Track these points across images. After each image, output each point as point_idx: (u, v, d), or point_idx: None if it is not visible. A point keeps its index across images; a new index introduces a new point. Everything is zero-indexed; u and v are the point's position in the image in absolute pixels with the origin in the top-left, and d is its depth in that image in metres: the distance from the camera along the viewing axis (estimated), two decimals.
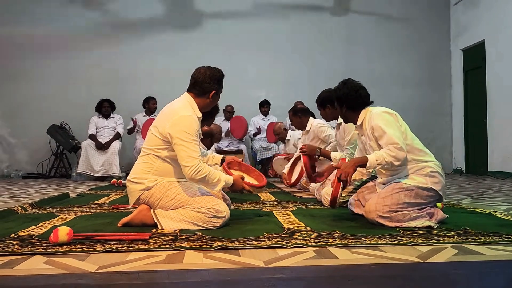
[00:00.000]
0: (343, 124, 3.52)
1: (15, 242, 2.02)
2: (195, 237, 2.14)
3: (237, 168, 2.89)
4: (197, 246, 1.95)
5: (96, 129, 6.89)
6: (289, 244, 1.97)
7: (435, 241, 2.03)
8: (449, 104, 8.52)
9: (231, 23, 8.05)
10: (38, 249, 1.90)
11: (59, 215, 2.90)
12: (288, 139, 5.45)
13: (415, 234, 2.18)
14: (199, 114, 2.52)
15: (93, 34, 7.74)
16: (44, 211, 3.13)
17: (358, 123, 2.69)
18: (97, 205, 3.47)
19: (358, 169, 2.55)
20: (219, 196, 2.57)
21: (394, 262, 1.72)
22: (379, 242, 2.01)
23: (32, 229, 2.39)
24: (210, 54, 7.41)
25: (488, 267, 1.70)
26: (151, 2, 7.95)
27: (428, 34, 8.46)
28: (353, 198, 2.81)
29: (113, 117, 7.04)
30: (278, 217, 2.77)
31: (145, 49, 7.85)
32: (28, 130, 7.57)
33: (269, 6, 8.16)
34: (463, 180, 6.45)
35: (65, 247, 1.92)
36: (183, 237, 2.14)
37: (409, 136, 2.55)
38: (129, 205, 2.67)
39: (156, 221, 2.40)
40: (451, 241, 2.04)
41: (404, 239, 2.07)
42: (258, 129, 7.50)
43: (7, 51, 7.61)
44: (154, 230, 2.30)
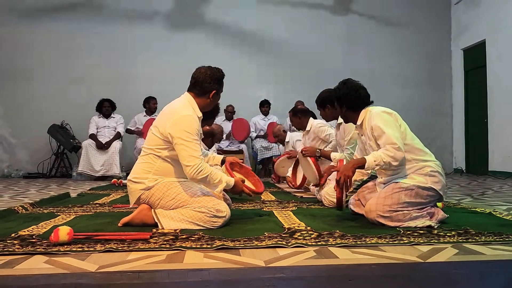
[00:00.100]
0: (343, 124, 3.52)
1: (15, 242, 2.02)
2: (196, 236, 2.14)
3: (237, 169, 2.89)
4: (198, 246, 1.95)
5: (97, 128, 6.89)
6: (289, 244, 1.97)
7: (435, 241, 2.03)
8: (449, 104, 8.52)
9: (231, 23, 8.05)
10: (38, 248, 1.90)
11: (59, 215, 2.91)
12: (287, 141, 5.46)
13: (415, 234, 2.18)
14: (199, 114, 2.52)
15: (93, 33, 7.74)
16: (44, 210, 3.13)
17: (358, 123, 2.69)
18: (97, 205, 3.47)
19: (358, 169, 2.55)
20: (220, 197, 2.57)
21: (394, 262, 1.72)
22: (380, 242, 2.01)
23: (33, 228, 2.39)
24: (210, 53, 7.41)
25: (489, 267, 1.70)
26: (151, 2, 7.95)
27: (428, 34, 8.45)
28: (353, 197, 2.81)
29: (113, 117, 7.04)
30: (279, 217, 2.77)
31: (145, 49, 7.85)
32: (28, 130, 7.57)
33: (270, 6, 8.16)
34: (463, 180, 6.45)
35: (65, 246, 1.92)
36: (184, 236, 2.14)
37: (408, 136, 2.55)
38: (129, 204, 2.67)
39: (156, 221, 2.41)
40: (451, 240, 2.04)
41: (404, 238, 2.07)
42: (261, 135, 7.50)
43: (7, 51, 7.61)
44: (154, 230, 2.31)
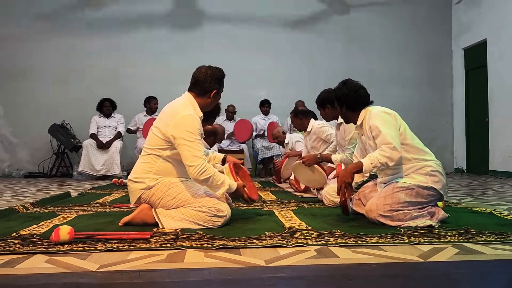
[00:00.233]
0: (343, 124, 3.52)
1: (16, 241, 2.02)
2: (196, 236, 2.14)
3: (237, 171, 2.86)
4: (198, 245, 1.95)
5: (97, 128, 6.90)
6: (290, 243, 1.97)
7: (436, 241, 2.03)
8: (450, 104, 8.52)
9: (231, 22, 8.05)
10: (39, 248, 1.90)
11: (60, 214, 2.91)
12: (286, 143, 5.47)
13: (416, 234, 2.18)
14: (200, 114, 2.52)
15: (94, 33, 7.75)
16: (45, 210, 3.14)
17: (358, 123, 2.69)
18: (98, 204, 3.48)
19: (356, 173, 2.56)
20: (223, 198, 2.55)
21: (395, 262, 1.72)
22: (380, 242, 2.01)
23: (34, 228, 2.39)
24: (210, 53, 7.41)
25: (489, 267, 1.70)
26: (152, 2, 7.95)
27: (429, 34, 8.45)
28: (354, 197, 2.81)
29: (114, 117, 7.05)
30: (279, 216, 2.77)
31: (146, 48, 7.86)
32: (29, 129, 7.58)
33: (270, 5, 8.16)
34: (464, 179, 6.44)
35: (66, 246, 1.92)
36: (184, 236, 2.14)
37: (408, 136, 2.55)
38: (130, 204, 2.67)
39: (157, 220, 2.41)
40: (452, 240, 2.04)
41: (405, 238, 2.07)
42: (261, 134, 7.50)
43: (8, 51, 7.62)
44: (155, 229, 2.31)
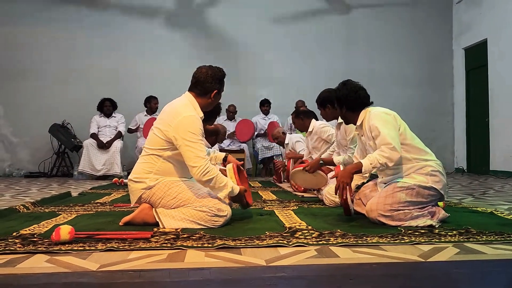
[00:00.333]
0: (343, 124, 3.51)
1: (17, 241, 2.02)
2: (197, 236, 2.14)
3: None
4: (199, 245, 1.95)
5: (98, 128, 6.90)
6: (290, 243, 1.97)
7: (436, 240, 2.03)
8: (451, 104, 8.51)
9: (232, 22, 8.04)
10: (40, 247, 1.90)
11: (61, 214, 2.91)
12: (286, 143, 5.46)
13: (416, 233, 2.18)
14: (200, 114, 2.51)
15: (94, 33, 7.75)
16: (46, 210, 3.14)
17: (358, 123, 2.69)
18: (98, 204, 3.48)
19: (356, 174, 2.56)
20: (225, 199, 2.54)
21: (395, 261, 1.72)
22: (381, 241, 2.01)
23: (34, 227, 2.39)
24: (211, 53, 7.41)
25: (490, 266, 1.70)
26: (152, 2, 7.95)
27: (430, 33, 8.44)
28: (354, 197, 2.81)
29: (114, 116, 7.05)
30: (280, 216, 2.77)
31: (146, 48, 7.86)
32: (30, 129, 7.58)
33: (270, 5, 8.15)
34: (465, 179, 6.44)
35: (67, 245, 1.92)
36: (185, 236, 2.15)
37: (408, 136, 2.55)
38: (130, 204, 2.67)
39: (157, 220, 2.41)
40: (452, 240, 2.04)
41: (405, 238, 2.07)
42: (262, 134, 7.50)
43: (9, 51, 7.62)
44: (155, 229, 2.31)
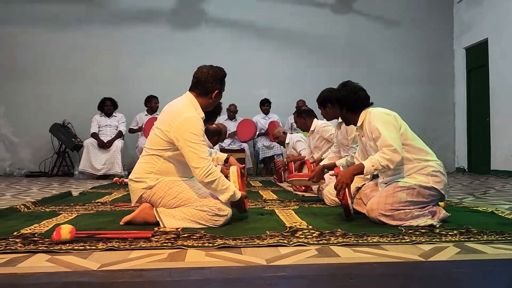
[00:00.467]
0: (344, 124, 3.50)
1: (17, 240, 2.02)
2: (197, 235, 2.14)
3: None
4: (199, 244, 1.95)
5: (99, 127, 6.90)
6: (291, 243, 1.96)
7: (437, 240, 2.03)
8: (451, 103, 8.50)
9: (232, 21, 8.04)
10: (40, 247, 1.90)
11: (61, 213, 2.91)
12: (287, 143, 5.46)
13: (417, 233, 2.18)
14: (201, 114, 2.50)
15: (94, 32, 7.75)
16: (46, 209, 3.14)
17: (358, 124, 2.69)
18: (99, 204, 3.48)
19: (357, 176, 2.56)
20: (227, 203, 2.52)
21: (396, 261, 1.72)
22: (381, 241, 2.01)
23: (35, 227, 2.39)
24: (211, 52, 7.41)
25: (491, 266, 1.70)
26: (153, 1, 7.95)
27: (430, 33, 8.44)
28: (355, 197, 2.81)
29: (115, 116, 7.05)
30: (280, 216, 2.77)
31: (146, 47, 7.87)
32: (30, 128, 7.59)
33: (270, 4, 8.15)
34: (465, 178, 6.43)
35: (67, 245, 1.92)
36: (185, 235, 2.15)
37: (409, 136, 2.55)
38: (131, 203, 2.67)
39: (158, 220, 2.41)
40: (453, 239, 2.04)
41: (406, 237, 2.07)
42: (262, 132, 7.51)
43: (9, 50, 7.63)
44: (156, 228, 2.31)
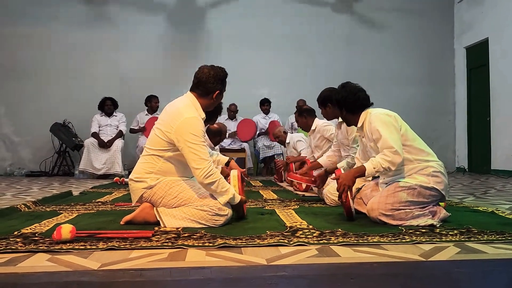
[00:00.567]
0: (344, 123, 3.50)
1: (18, 240, 2.03)
2: (198, 235, 2.14)
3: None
4: (200, 244, 1.95)
5: (99, 127, 6.90)
6: (291, 242, 1.96)
7: (437, 240, 2.03)
8: (452, 103, 8.49)
9: (232, 21, 8.03)
10: (41, 246, 1.90)
11: (62, 213, 2.91)
12: (287, 142, 5.45)
13: (417, 233, 2.18)
14: (202, 115, 2.50)
15: (95, 32, 7.75)
16: (47, 209, 3.14)
17: (359, 125, 2.69)
18: (100, 203, 3.48)
19: (358, 178, 2.56)
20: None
21: (396, 261, 1.72)
22: (382, 241, 2.01)
23: (35, 226, 2.40)
24: (211, 52, 7.41)
25: (491, 266, 1.70)
26: (153, 1, 7.94)
27: (431, 32, 8.42)
28: (355, 197, 2.81)
29: (115, 115, 7.05)
30: (281, 215, 2.77)
31: (147, 47, 7.86)
32: (31, 128, 7.59)
33: (271, 3, 8.14)
34: (466, 178, 6.43)
35: (68, 244, 1.92)
36: (186, 235, 2.15)
37: (410, 137, 2.55)
38: (131, 203, 2.67)
39: (158, 219, 2.41)
40: (453, 239, 2.04)
41: (406, 237, 2.07)
42: (263, 132, 7.50)
43: (10, 50, 7.63)
44: (156, 228, 2.31)
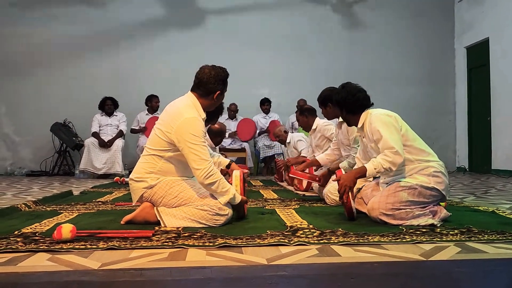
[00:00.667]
0: (345, 123, 3.50)
1: (18, 239, 2.03)
2: (198, 234, 2.14)
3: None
4: (200, 244, 1.95)
5: (99, 127, 6.90)
6: (291, 242, 1.96)
7: (438, 239, 2.03)
8: (452, 103, 8.49)
9: (232, 20, 8.04)
10: (41, 246, 1.90)
11: (62, 213, 2.91)
12: (288, 142, 5.45)
13: (418, 232, 2.18)
14: (203, 115, 2.49)
15: (95, 32, 7.75)
16: (47, 208, 3.15)
17: (359, 125, 2.69)
18: (100, 203, 3.48)
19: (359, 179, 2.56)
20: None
21: (397, 260, 1.72)
22: (382, 240, 2.01)
23: (36, 226, 2.40)
24: (212, 52, 7.40)
25: (491, 265, 1.70)
26: (152, 1, 7.94)
27: (431, 32, 8.42)
28: (356, 196, 2.81)
29: (116, 115, 7.05)
30: (281, 215, 2.77)
31: (147, 47, 7.86)
32: (31, 128, 7.59)
33: (271, 4, 8.14)
34: (466, 178, 6.43)
35: (68, 244, 1.93)
36: (186, 234, 2.15)
37: (410, 137, 2.55)
38: (132, 202, 2.68)
39: (159, 219, 2.41)
40: (454, 239, 2.04)
41: (407, 237, 2.07)
42: (263, 131, 7.50)
43: (10, 50, 7.63)
44: (157, 228, 2.31)
